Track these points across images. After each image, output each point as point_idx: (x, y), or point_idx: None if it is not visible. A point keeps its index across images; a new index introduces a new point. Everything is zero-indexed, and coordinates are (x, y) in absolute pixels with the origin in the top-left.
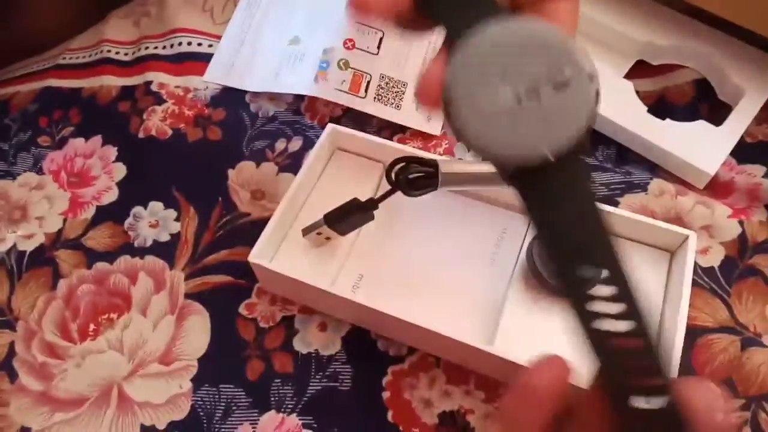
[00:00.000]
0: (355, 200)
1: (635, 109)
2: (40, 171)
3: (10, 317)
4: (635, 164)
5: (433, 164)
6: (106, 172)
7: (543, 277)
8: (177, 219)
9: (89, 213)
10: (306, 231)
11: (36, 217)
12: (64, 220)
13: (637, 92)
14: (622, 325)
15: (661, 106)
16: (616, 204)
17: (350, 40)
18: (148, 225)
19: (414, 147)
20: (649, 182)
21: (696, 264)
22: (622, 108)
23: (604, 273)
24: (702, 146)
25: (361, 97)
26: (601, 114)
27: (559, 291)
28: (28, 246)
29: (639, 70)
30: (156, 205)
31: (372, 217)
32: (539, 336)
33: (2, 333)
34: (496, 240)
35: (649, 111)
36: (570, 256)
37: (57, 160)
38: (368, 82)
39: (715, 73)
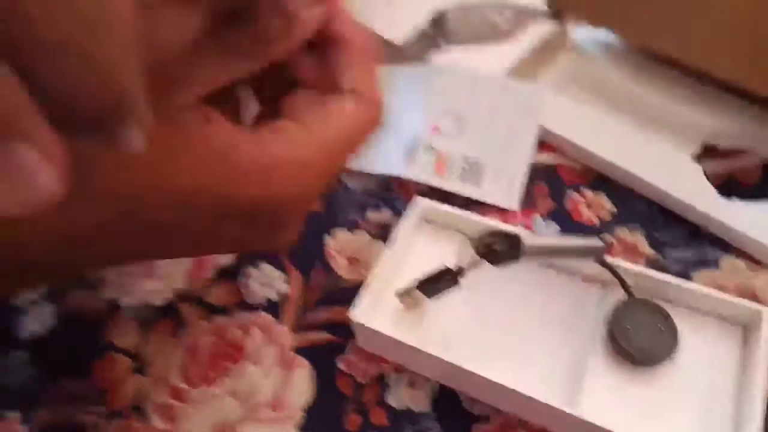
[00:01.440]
0: (445, 268)
1: (705, 189)
2: None
3: (142, 364)
4: (707, 242)
5: (517, 237)
6: None
7: (620, 346)
8: (284, 280)
9: (210, 272)
10: (399, 293)
11: (163, 275)
12: (188, 278)
13: (706, 174)
14: None
15: (729, 187)
16: (689, 279)
17: (435, 126)
18: (259, 284)
19: (494, 220)
20: (721, 259)
21: None
22: (691, 189)
23: None
24: None
25: (444, 177)
26: (672, 195)
27: (641, 360)
28: (157, 300)
29: (708, 153)
30: (266, 267)
31: (458, 284)
32: (621, 402)
33: (136, 377)
34: (574, 310)
35: (718, 192)
36: None
37: None
38: (451, 164)
39: None
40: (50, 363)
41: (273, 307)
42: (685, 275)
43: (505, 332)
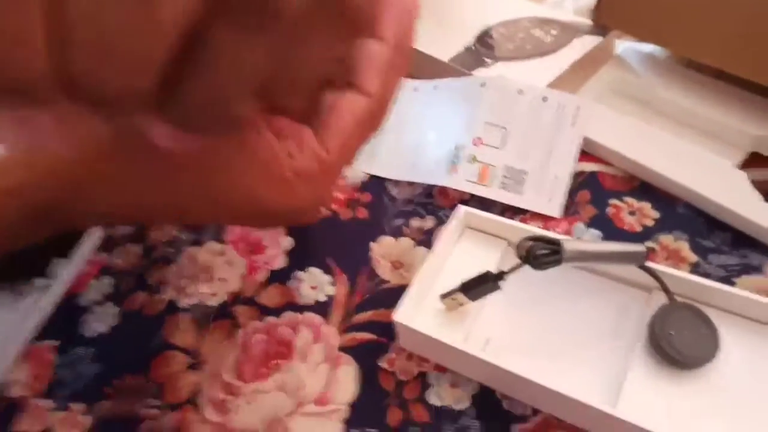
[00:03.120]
0: (488, 272)
1: (750, 197)
2: (221, 240)
3: (197, 360)
4: (752, 248)
5: (558, 242)
6: (275, 243)
7: (663, 349)
8: (331, 283)
9: (262, 276)
10: (444, 296)
11: (219, 278)
12: (243, 281)
13: (751, 181)
14: None
15: None
16: (732, 285)
17: (479, 138)
18: (309, 287)
19: (534, 226)
20: (765, 264)
21: None
22: (737, 196)
23: None
24: None
25: (487, 186)
26: (716, 201)
27: (683, 364)
28: (213, 301)
29: (754, 161)
30: (315, 271)
31: (499, 287)
32: (661, 404)
33: (191, 373)
34: (616, 312)
35: (765, 199)
36: None
37: (236, 231)
38: (494, 173)
39: None
40: (113, 359)
41: (321, 308)
42: (728, 281)
43: (546, 335)
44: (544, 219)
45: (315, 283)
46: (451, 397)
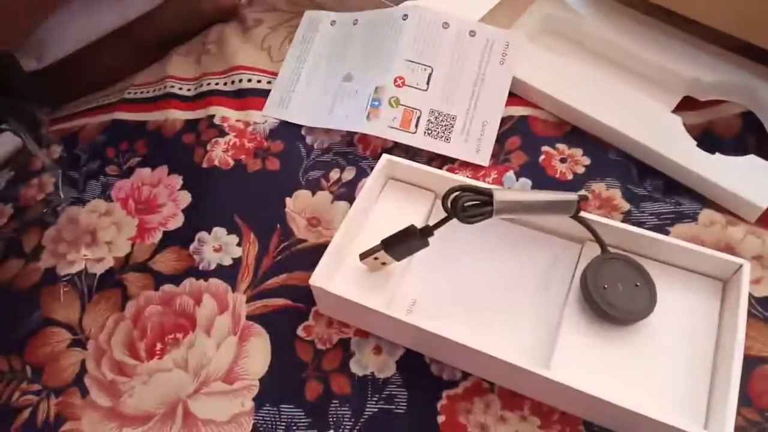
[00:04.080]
0: (412, 227)
1: (684, 143)
2: (108, 198)
3: (81, 336)
4: (685, 195)
5: (488, 193)
6: (172, 199)
7: (596, 304)
8: (239, 244)
9: (156, 238)
10: (363, 255)
11: (105, 241)
12: (132, 245)
13: (684, 125)
14: None
15: (708, 139)
16: (666, 234)
17: (400, 77)
18: (212, 249)
19: (463, 176)
20: (698, 212)
21: (749, 293)
22: (671, 142)
23: None
24: (753, 180)
25: (411, 133)
26: (650, 147)
27: (618, 319)
28: (98, 269)
29: (686, 104)
30: (219, 231)
31: (427, 244)
32: (594, 361)
33: (74, 351)
34: (548, 266)
35: (698, 144)
36: None
37: (125, 188)
38: (418, 118)
39: (762, 107)
40: None
41: (227, 274)
42: (662, 229)
43: (477, 293)
44: (474, 168)
45: (219, 245)
46: (376, 364)
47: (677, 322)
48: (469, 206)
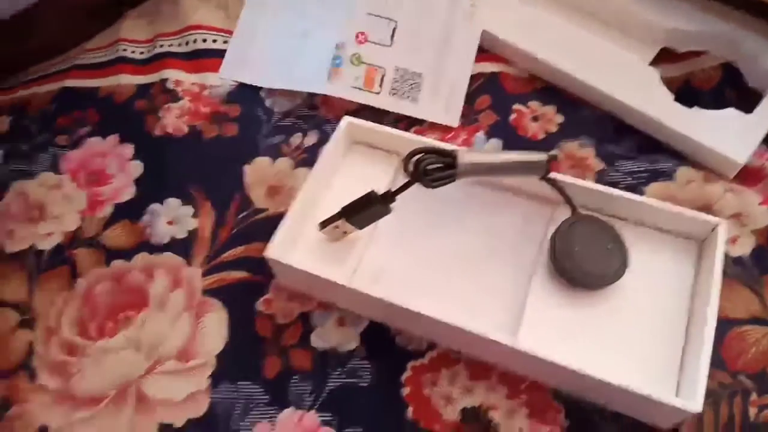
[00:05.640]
0: (372, 193)
1: (661, 97)
2: (58, 170)
3: (29, 316)
4: (662, 153)
5: (452, 154)
6: (123, 170)
7: (566, 269)
8: (194, 215)
9: (107, 211)
10: (323, 225)
11: (54, 216)
12: (82, 219)
13: (662, 78)
14: None
15: (687, 92)
16: (641, 193)
17: (362, 33)
18: (165, 222)
19: (432, 139)
20: (675, 170)
21: (725, 253)
22: (647, 97)
23: None
24: (732, 135)
25: (375, 93)
26: (625, 102)
27: (588, 284)
28: (46, 245)
29: (664, 56)
30: (173, 202)
31: (390, 210)
32: (563, 328)
33: (22, 332)
34: (518, 230)
35: (675, 98)
36: None
37: (75, 159)
38: (383, 77)
39: (743, 58)
40: None
41: (181, 247)
42: (637, 189)
43: (445, 260)
44: (443, 129)
45: (173, 217)
46: (338, 337)
47: (651, 285)
48: (431, 169)
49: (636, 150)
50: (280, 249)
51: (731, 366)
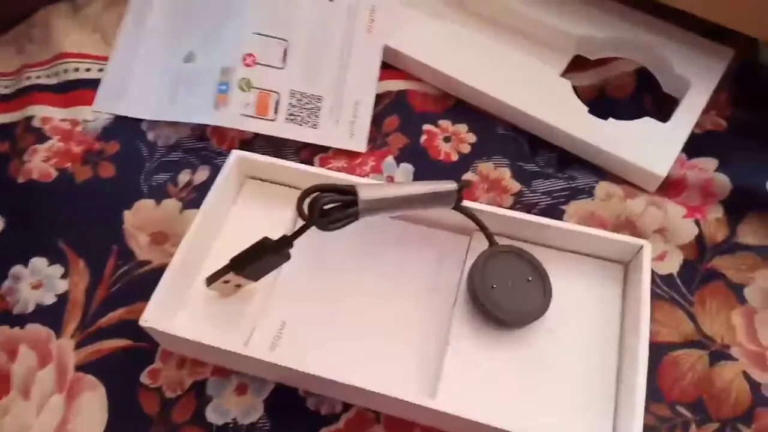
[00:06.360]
0: (265, 240)
1: (575, 110)
2: None
3: None
4: (580, 168)
5: (351, 191)
6: None
7: (486, 309)
8: (64, 276)
9: None
10: (210, 280)
11: None
12: None
13: (575, 88)
14: None
15: (601, 102)
16: (561, 213)
17: (249, 55)
18: (29, 286)
19: (337, 167)
20: (594, 186)
21: (653, 272)
22: (561, 110)
23: None
24: (650, 147)
25: (270, 120)
26: (539, 118)
27: (510, 323)
28: None
29: (576, 65)
30: (39, 262)
31: (288, 257)
32: (486, 376)
33: None
34: (434, 266)
35: (589, 109)
36: None
37: None
38: (277, 102)
39: (658, 64)
40: None
41: (49, 315)
42: (556, 209)
43: (353, 308)
44: (349, 156)
45: (38, 280)
46: (239, 408)
47: (577, 316)
48: (329, 209)
49: (554, 167)
50: (158, 313)
51: (668, 396)
